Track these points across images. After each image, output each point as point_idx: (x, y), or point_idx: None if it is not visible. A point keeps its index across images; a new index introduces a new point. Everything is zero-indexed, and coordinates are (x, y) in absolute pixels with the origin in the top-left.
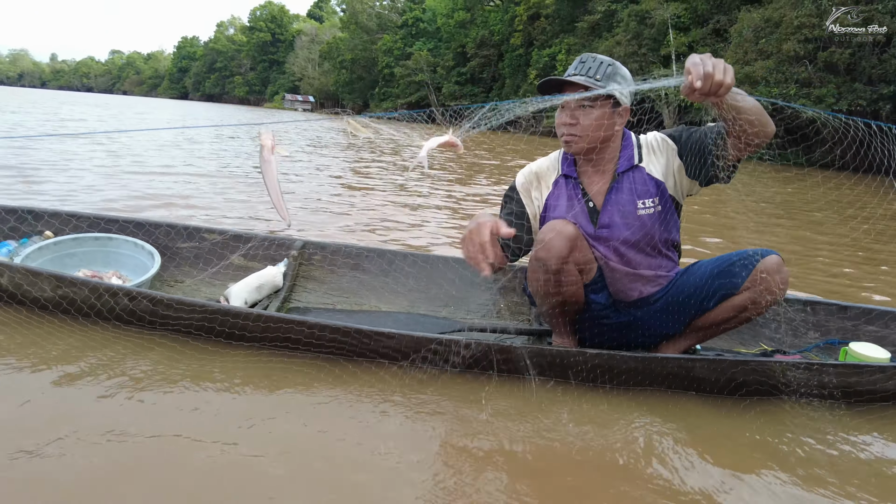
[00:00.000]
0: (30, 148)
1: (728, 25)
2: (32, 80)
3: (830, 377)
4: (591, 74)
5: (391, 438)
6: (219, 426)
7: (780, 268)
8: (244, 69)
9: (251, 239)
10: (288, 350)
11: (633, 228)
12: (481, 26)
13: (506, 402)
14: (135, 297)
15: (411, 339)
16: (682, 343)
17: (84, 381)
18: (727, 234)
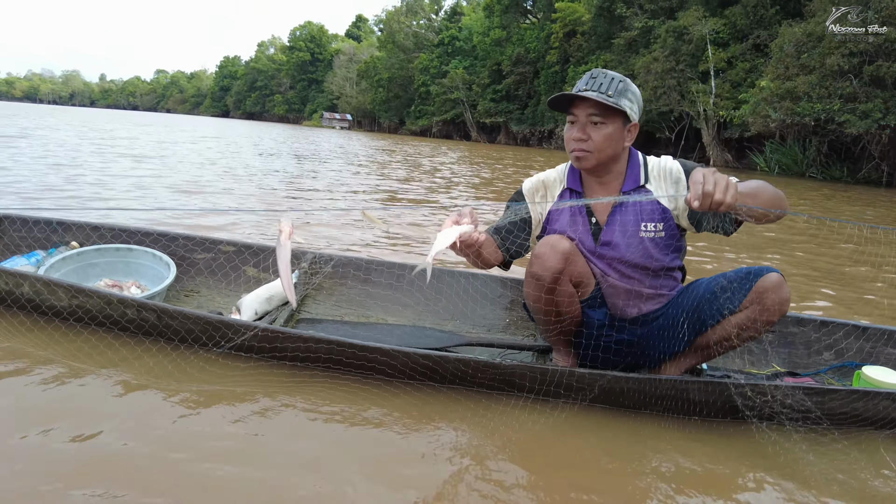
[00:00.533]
0: (78, 167)
1: (768, 40)
2: (83, 100)
3: (835, 402)
4: (602, 90)
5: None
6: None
7: (781, 286)
8: (284, 88)
9: (264, 251)
10: (282, 361)
11: (634, 249)
12: (517, 44)
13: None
14: (143, 307)
15: (404, 355)
16: (685, 362)
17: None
18: (753, 252)
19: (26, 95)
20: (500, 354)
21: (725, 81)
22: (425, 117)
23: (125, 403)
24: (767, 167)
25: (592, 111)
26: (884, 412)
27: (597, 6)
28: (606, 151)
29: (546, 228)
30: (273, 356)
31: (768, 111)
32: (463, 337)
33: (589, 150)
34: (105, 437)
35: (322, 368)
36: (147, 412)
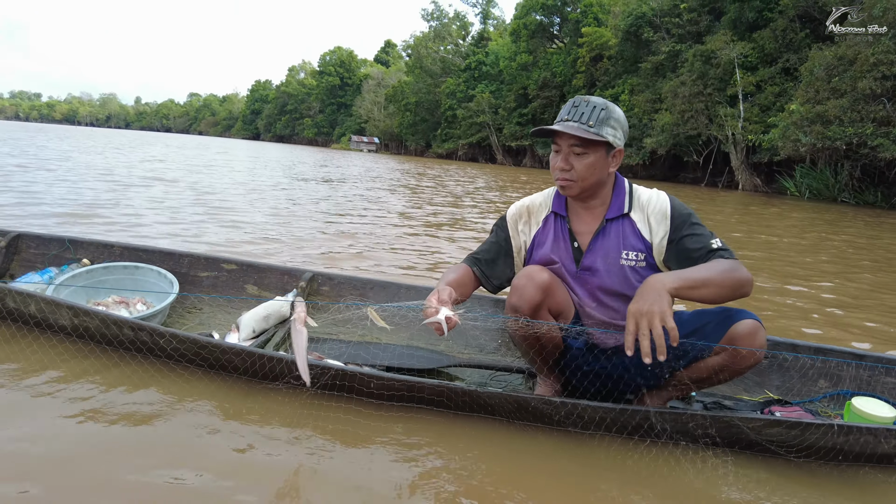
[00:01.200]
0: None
1: (798, 64)
2: (118, 122)
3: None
4: (584, 121)
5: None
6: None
7: (756, 333)
8: (313, 111)
9: (265, 270)
10: (266, 381)
11: (615, 277)
12: (543, 68)
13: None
14: (138, 328)
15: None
16: (665, 394)
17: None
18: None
19: (66, 118)
20: (490, 376)
21: (754, 105)
22: (451, 140)
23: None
24: (798, 192)
25: (574, 142)
26: (819, 443)
27: (623, 31)
28: (590, 180)
29: (531, 253)
30: (254, 376)
31: (798, 135)
32: (454, 358)
33: (573, 179)
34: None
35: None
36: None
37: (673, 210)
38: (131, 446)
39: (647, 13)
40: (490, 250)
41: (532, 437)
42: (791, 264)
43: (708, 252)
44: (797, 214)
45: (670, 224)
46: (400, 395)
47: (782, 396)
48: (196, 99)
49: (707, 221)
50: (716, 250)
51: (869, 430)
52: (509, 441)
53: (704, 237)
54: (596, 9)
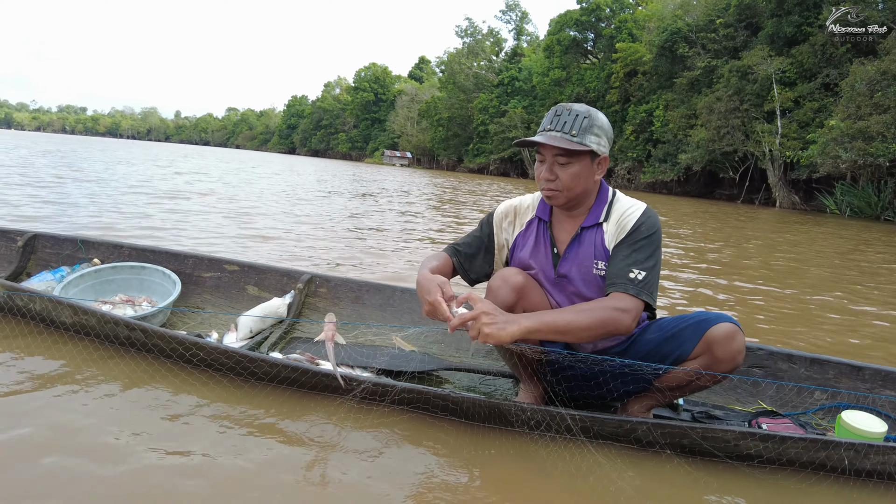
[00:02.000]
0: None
1: (838, 79)
2: (158, 135)
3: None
4: (566, 130)
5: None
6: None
7: (733, 336)
8: (348, 126)
9: (265, 271)
10: (252, 380)
11: (589, 285)
12: (577, 84)
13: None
14: (131, 327)
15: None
16: (648, 401)
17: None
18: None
19: (108, 131)
20: (479, 380)
21: (792, 121)
22: (483, 155)
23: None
24: (838, 209)
25: (557, 152)
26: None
27: (658, 46)
28: (575, 189)
29: (514, 253)
30: (242, 376)
31: (838, 151)
32: (444, 361)
33: (558, 189)
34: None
35: (283, 388)
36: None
37: (636, 224)
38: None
39: (683, 29)
40: (472, 244)
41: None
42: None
43: (621, 277)
44: (846, 233)
45: (624, 235)
46: (399, 399)
47: (776, 408)
48: (234, 113)
49: (754, 241)
50: (628, 281)
51: (851, 445)
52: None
53: (634, 262)
54: (630, 24)
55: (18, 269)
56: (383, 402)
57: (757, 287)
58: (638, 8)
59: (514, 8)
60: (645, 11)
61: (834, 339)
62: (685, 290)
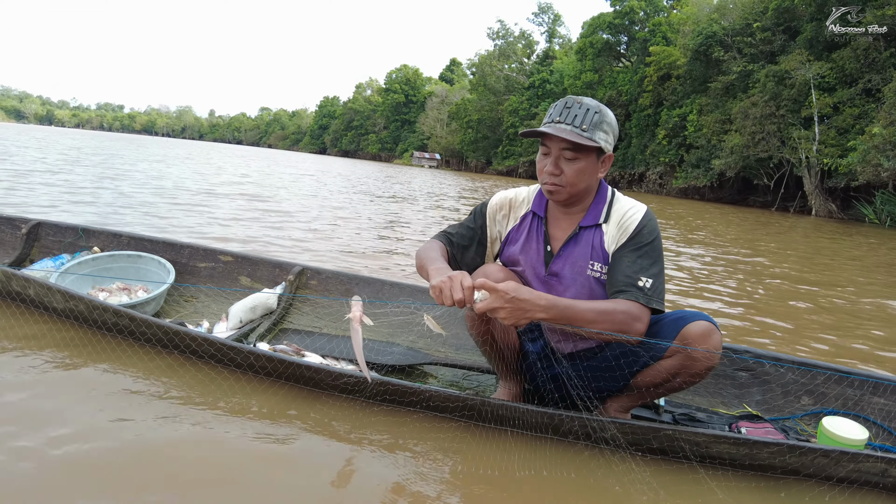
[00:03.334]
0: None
1: (881, 85)
2: (192, 133)
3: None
4: (577, 124)
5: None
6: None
7: (709, 334)
8: (378, 128)
9: (258, 262)
10: (243, 369)
11: (580, 286)
12: (609, 87)
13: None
14: (118, 314)
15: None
16: (625, 401)
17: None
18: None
19: (144, 129)
20: (463, 376)
21: (831, 128)
22: (512, 157)
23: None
24: (878, 219)
25: (565, 145)
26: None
27: (693, 50)
28: (579, 185)
29: (504, 247)
30: (235, 364)
31: (880, 159)
32: (429, 356)
33: (561, 184)
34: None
35: (273, 380)
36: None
37: (638, 227)
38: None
39: (718, 32)
40: (465, 235)
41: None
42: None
43: (629, 284)
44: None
45: (626, 238)
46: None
47: (761, 412)
48: (267, 113)
49: (816, 259)
50: (637, 289)
51: (824, 451)
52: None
53: (641, 269)
54: (665, 28)
55: (22, 255)
56: (403, 404)
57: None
58: (672, 11)
59: (547, 10)
60: (679, 15)
61: None
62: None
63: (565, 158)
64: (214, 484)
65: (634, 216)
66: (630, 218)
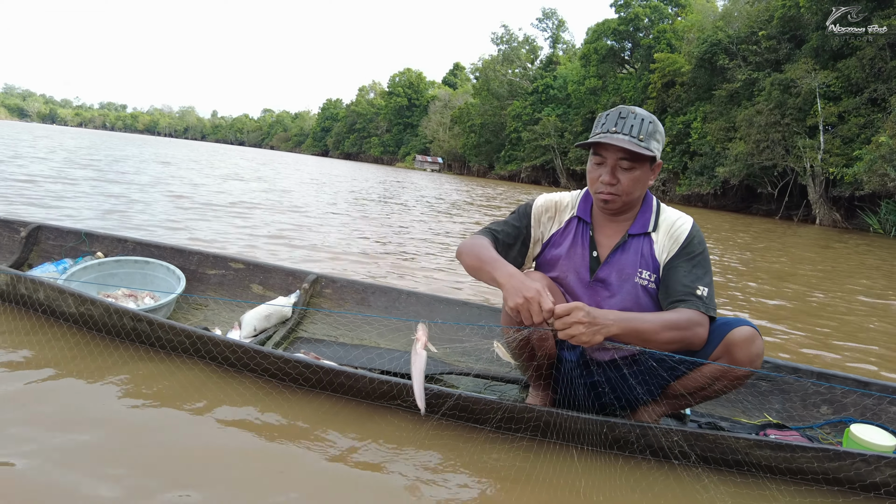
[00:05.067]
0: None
1: (887, 94)
2: (194, 134)
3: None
4: (634, 133)
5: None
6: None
7: (753, 340)
8: (380, 131)
9: (270, 270)
10: (260, 375)
11: (626, 294)
12: (612, 93)
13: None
14: (138, 319)
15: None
16: (659, 409)
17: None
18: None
19: (147, 129)
20: (485, 385)
21: (836, 137)
22: (514, 162)
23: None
24: (882, 229)
25: (623, 155)
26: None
27: (698, 57)
28: (634, 194)
29: (545, 250)
30: (252, 371)
31: (886, 169)
32: (449, 366)
33: (618, 193)
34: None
35: (294, 386)
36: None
37: (689, 237)
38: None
39: (723, 40)
40: (510, 234)
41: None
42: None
43: (689, 294)
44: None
45: (678, 248)
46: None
47: (782, 421)
48: (269, 114)
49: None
50: (697, 298)
51: (863, 456)
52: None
53: (697, 278)
54: (669, 35)
55: (20, 259)
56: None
57: None
58: (677, 18)
59: (551, 16)
60: (684, 22)
61: None
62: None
63: (622, 168)
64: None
65: (684, 226)
66: (680, 228)
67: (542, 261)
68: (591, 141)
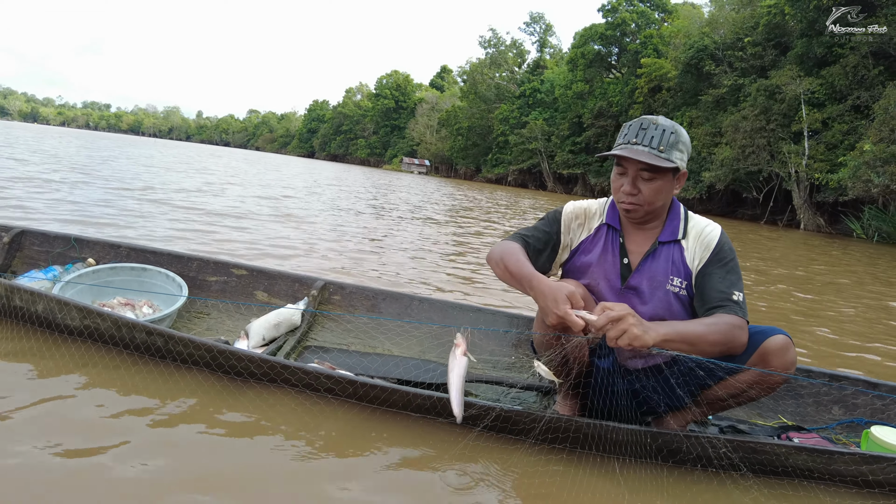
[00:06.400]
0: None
1: (870, 102)
2: (179, 134)
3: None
4: (654, 145)
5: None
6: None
7: (787, 348)
8: (367, 133)
9: (275, 276)
10: (287, 388)
11: (657, 301)
12: (599, 97)
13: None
14: (151, 332)
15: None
16: (690, 415)
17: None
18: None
19: (131, 128)
20: (504, 393)
21: (820, 143)
22: (501, 165)
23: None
24: (865, 234)
25: (643, 166)
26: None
27: (684, 63)
28: (656, 204)
29: (574, 256)
30: (275, 382)
31: (871, 175)
32: (468, 373)
33: (639, 203)
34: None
35: (328, 397)
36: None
37: (719, 244)
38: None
39: (710, 46)
40: (541, 239)
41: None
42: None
43: (725, 299)
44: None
45: (709, 255)
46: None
47: (796, 422)
48: (255, 115)
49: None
50: (734, 303)
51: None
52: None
53: (731, 284)
54: (656, 40)
55: (3, 266)
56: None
57: None
58: (664, 24)
59: (539, 20)
60: (671, 28)
61: None
62: None
63: (642, 178)
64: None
65: (713, 233)
66: (709, 235)
67: (572, 267)
68: (610, 153)
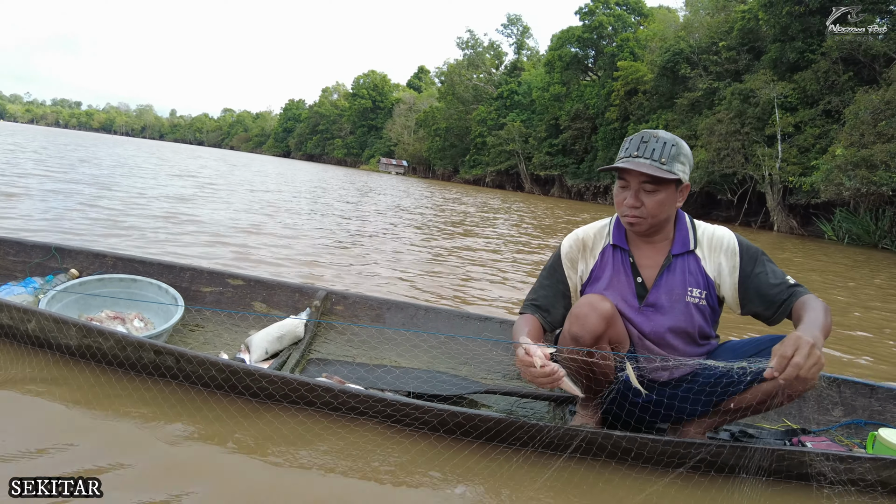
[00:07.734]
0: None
1: (841, 107)
2: (152, 133)
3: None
4: (655, 157)
5: None
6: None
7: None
8: (344, 133)
9: (274, 286)
10: (311, 409)
11: (678, 312)
12: (576, 100)
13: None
14: (160, 351)
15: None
16: (708, 423)
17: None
18: None
19: (102, 127)
20: (515, 403)
21: (793, 146)
22: (479, 167)
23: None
24: (836, 236)
25: (645, 179)
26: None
27: (660, 66)
28: (660, 216)
29: (586, 287)
30: (309, 405)
31: (842, 179)
32: (480, 384)
33: (642, 216)
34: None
35: (339, 413)
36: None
37: (741, 246)
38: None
39: (685, 50)
40: (548, 295)
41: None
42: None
43: (787, 287)
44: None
45: (740, 260)
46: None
47: (800, 425)
48: (230, 114)
49: None
50: (793, 286)
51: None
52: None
53: (779, 273)
54: (632, 44)
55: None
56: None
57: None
58: (640, 27)
59: (516, 22)
60: (647, 31)
61: None
62: None
63: (645, 191)
64: None
65: (726, 237)
66: (727, 241)
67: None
68: (612, 166)
